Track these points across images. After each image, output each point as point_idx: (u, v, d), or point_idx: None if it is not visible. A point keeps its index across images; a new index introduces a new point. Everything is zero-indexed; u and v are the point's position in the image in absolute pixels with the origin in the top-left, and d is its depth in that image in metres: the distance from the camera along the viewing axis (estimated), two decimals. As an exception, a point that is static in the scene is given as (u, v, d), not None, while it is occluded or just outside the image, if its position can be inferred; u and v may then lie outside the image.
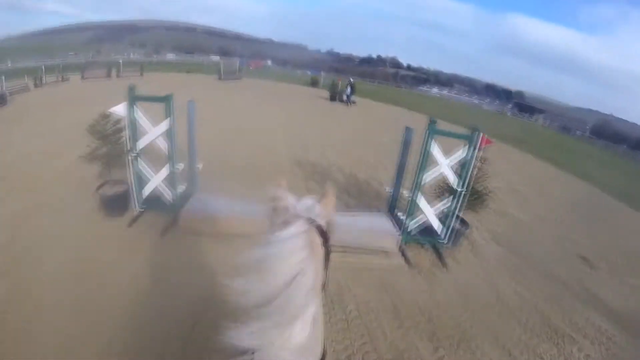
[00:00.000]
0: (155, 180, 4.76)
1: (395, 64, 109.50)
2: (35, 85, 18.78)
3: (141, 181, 4.78)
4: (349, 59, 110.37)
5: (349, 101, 22.00)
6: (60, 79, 21.06)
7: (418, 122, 6.34)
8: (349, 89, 22.16)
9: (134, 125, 4.47)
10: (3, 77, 15.00)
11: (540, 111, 60.67)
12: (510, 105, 65.36)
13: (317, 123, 14.95)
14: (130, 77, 23.18)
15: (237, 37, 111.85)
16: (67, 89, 18.70)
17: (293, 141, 10.97)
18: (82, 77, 22.65)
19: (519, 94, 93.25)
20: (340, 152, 10.45)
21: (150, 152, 4.89)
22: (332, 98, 23.06)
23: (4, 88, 14.69)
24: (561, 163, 15.70)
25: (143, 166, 4.69)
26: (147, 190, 4.81)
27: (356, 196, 7.25)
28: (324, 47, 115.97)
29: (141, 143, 4.55)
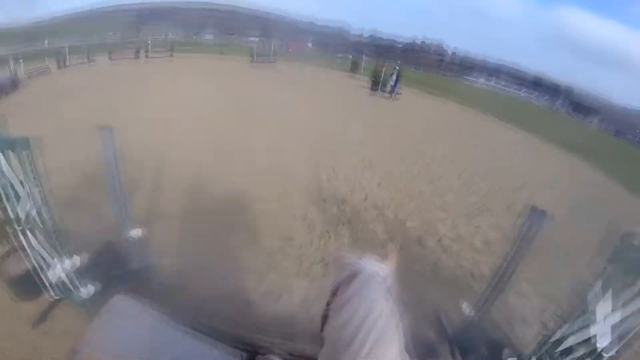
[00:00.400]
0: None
1: (440, 51, 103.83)
2: (59, 67, 17.87)
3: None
4: (392, 43, 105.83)
5: (393, 92, 19.13)
6: (86, 60, 20.16)
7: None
8: (394, 78, 19.28)
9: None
10: (21, 60, 14.02)
11: (596, 112, 54.84)
12: (560, 101, 59.67)
13: (353, 128, 11.35)
14: (159, 58, 22.89)
15: (280, 19, 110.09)
16: (90, 71, 18.01)
17: (316, 158, 8.18)
18: (110, 58, 21.76)
19: (568, 89, 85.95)
20: (381, 179, 7.72)
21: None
22: (374, 88, 20.14)
23: (17, 72, 13.61)
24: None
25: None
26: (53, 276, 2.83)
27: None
28: (367, 29, 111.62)
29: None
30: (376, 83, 20.06)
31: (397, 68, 19.99)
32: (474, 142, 12.61)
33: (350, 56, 44.46)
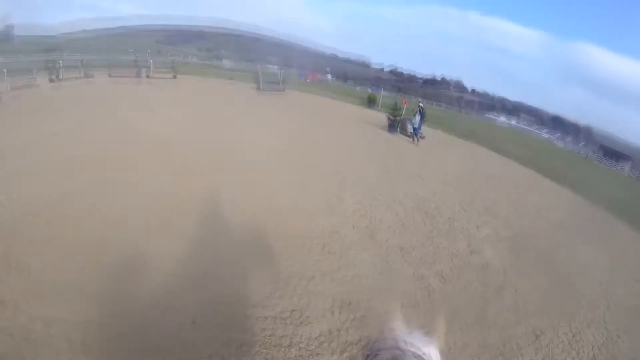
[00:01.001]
0: None
1: (460, 88, 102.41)
2: (51, 81, 17.11)
3: None
4: (412, 78, 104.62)
5: (416, 135, 15.63)
6: (82, 76, 19.65)
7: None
8: (417, 118, 15.58)
9: None
10: (5, 71, 13.78)
11: (627, 157, 51.40)
12: (589, 146, 56.59)
13: (366, 193, 7.90)
14: (161, 79, 22.22)
15: (304, 50, 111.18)
16: (80, 87, 16.98)
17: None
18: (109, 75, 21.07)
19: (587, 129, 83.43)
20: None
21: None
22: (392, 127, 17.17)
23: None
24: None
25: None
26: None
27: None
28: (386, 64, 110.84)
29: None
30: (394, 122, 17.24)
31: (421, 105, 16.19)
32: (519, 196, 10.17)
33: (370, 89, 42.27)
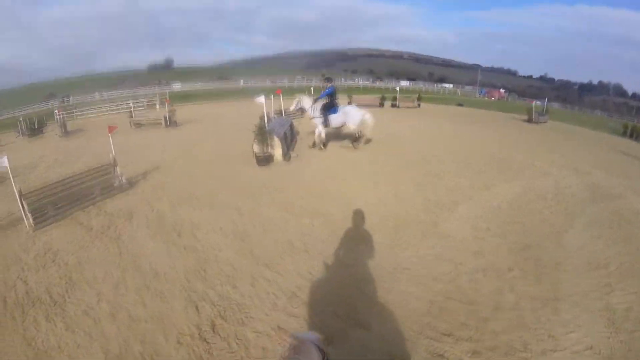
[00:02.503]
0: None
1: (620, 92, 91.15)
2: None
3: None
4: (565, 84, 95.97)
5: (325, 124, 11.09)
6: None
7: None
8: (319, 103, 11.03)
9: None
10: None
11: None
12: None
13: None
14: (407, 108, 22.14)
15: (445, 63, 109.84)
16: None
17: None
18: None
19: None
20: None
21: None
22: None
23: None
24: None
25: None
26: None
27: None
28: (535, 72, 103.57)
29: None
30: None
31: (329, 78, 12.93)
32: None
33: (537, 102, 37.48)
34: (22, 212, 6.20)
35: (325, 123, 10.89)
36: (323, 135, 11.10)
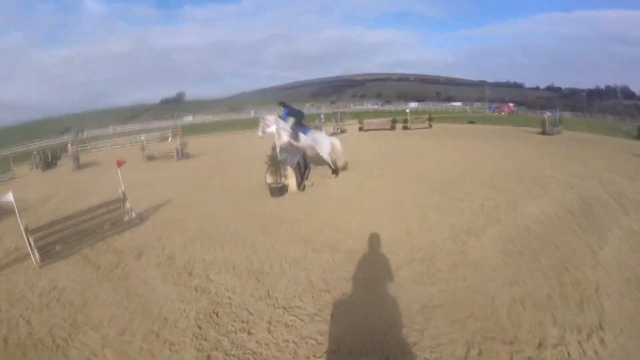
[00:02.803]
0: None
1: (628, 94, 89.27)
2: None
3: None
4: (573, 92, 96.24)
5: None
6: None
7: None
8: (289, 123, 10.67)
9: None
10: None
11: None
12: None
13: None
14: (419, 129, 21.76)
15: (450, 82, 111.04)
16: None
17: None
18: (361, 129, 24.29)
19: None
20: None
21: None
22: None
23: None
24: None
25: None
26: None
27: None
28: (541, 83, 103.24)
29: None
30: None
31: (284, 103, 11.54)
32: None
33: (549, 113, 35.56)
34: (29, 248, 5.97)
35: (295, 137, 10.53)
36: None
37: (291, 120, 10.55)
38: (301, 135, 10.57)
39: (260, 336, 3.92)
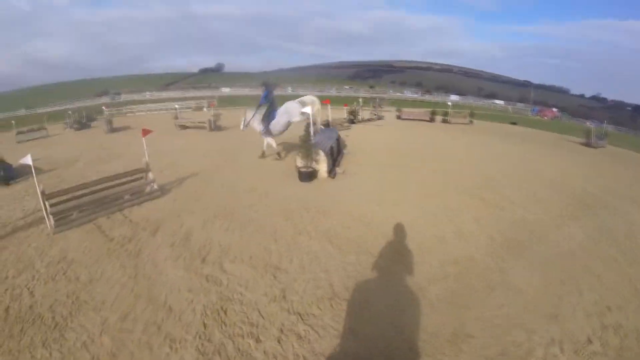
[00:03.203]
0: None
1: None
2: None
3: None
4: (619, 105, 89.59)
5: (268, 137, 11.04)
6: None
7: None
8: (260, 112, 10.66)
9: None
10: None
11: None
12: None
13: None
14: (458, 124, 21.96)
15: (494, 78, 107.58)
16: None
17: None
18: (399, 117, 23.84)
19: None
20: None
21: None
22: None
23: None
24: None
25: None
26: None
27: None
28: (587, 91, 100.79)
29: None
30: None
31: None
32: None
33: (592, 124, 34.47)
34: (44, 213, 5.78)
35: (268, 133, 10.50)
36: (274, 145, 10.70)
37: (262, 110, 10.41)
38: (273, 126, 10.41)
39: (268, 345, 3.47)
